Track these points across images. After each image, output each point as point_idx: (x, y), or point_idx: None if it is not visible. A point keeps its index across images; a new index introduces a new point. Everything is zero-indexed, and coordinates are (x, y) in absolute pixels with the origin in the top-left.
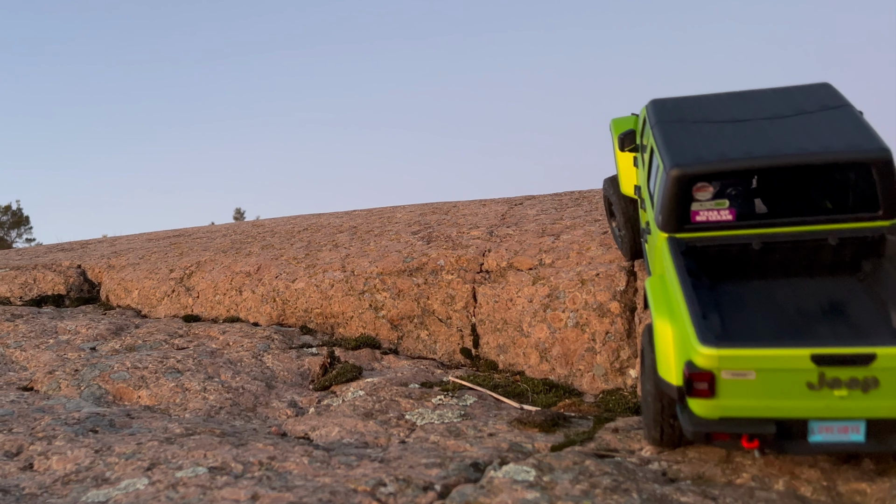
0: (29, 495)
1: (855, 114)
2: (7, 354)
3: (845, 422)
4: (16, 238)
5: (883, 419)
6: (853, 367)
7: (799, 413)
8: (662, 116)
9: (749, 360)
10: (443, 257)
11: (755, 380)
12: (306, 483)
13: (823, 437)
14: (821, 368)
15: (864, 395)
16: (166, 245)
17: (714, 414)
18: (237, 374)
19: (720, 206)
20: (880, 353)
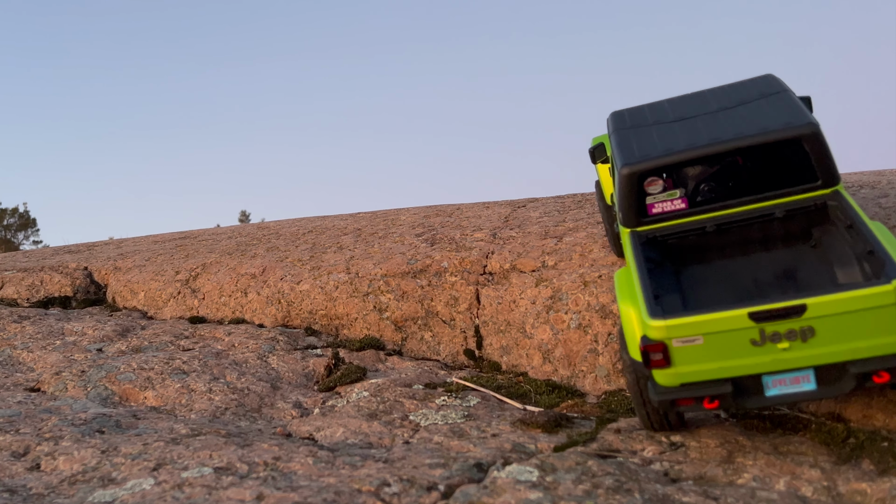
0: (36, 495)
1: (790, 97)
2: (14, 356)
3: (795, 373)
4: (23, 240)
5: (828, 365)
6: (788, 319)
7: (750, 370)
8: (619, 125)
9: (694, 326)
10: (446, 259)
11: (704, 344)
12: (311, 483)
13: (779, 390)
14: (760, 325)
15: (804, 344)
16: (172, 247)
17: (675, 382)
18: (242, 375)
19: (672, 196)
20: (810, 303)
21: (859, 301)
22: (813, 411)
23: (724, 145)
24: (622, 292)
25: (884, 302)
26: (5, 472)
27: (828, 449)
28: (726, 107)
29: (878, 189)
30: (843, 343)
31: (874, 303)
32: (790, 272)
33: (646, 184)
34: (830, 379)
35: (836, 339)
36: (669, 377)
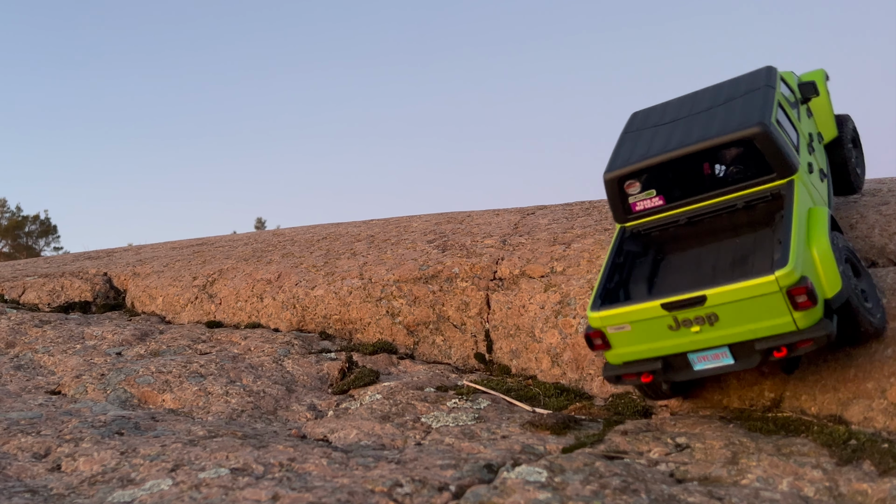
0: (57, 496)
1: (762, 95)
2: (35, 359)
3: (714, 350)
4: (44, 247)
5: (739, 342)
6: (693, 308)
7: (673, 350)
8: (628, 128)
9: (621, 316)
10: (457, 265)
11: (632, 330)
12: (325, 484)
13: (704, 365)
14: (672, 313)
15: (712, 327)
16: (190, 253)
17: (618, 361)
18: (258, 378)
19: (649, 195)
20: (709, 293)
21: (748, 290)
22: (815, 413)
23: (687, 149)
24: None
25: (768, 290)
26: (27, 472)
27: (829, 450)
28: (712, 106)
29: (878, 196)
30: (744, 325)
31: (761, 291)
32: (746, 257)
33: (626, 186)
34: (744, 354)
35: (737, 322)
36: (613, 357)
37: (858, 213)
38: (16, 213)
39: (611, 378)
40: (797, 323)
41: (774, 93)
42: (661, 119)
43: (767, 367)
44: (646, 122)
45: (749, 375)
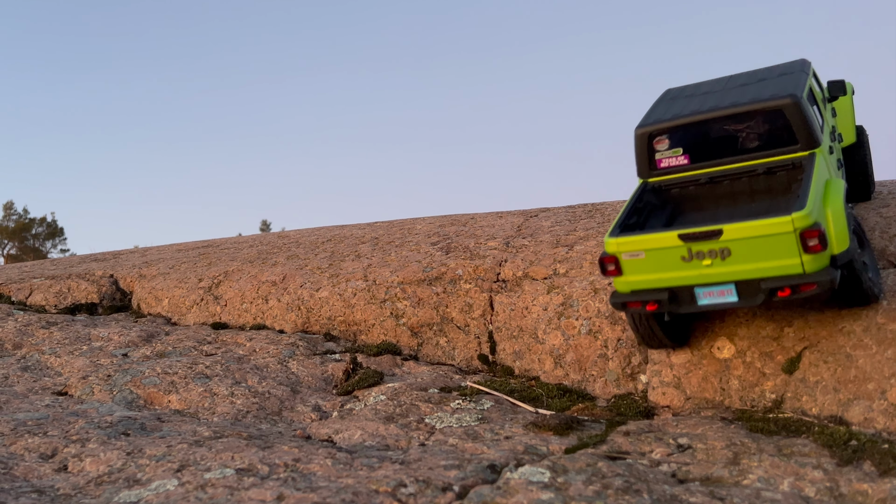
0: (63, 496)
1: (797, 77)
2: (42, 360)
3: (720, 286)
4: (51, 249)
5: (745, 280)
6: (709, 240)
7: (682, 282)
8: (662, 98)
9: (638, 243)
10: (461, 267)
11: (646, 258)
12: (330, 484)
13: (709, 300)
14: (687, 244)
15: (723, 262)
16: (195, 255)
17: (626, 289)
18: (263, 379)
19: (676, 153)
20: (725, 228)
21: (764, 228)
22: (816, 414)
23: (719, 112)
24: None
25: (783, 230)
26: (34, 473)
27: (830, 451)
28: (746, 83)
29: (878, 199)
30: (754, 263)
31: (776, 230)
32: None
33: (655, 142)
34: (748, 293)
35: (748, 259)
36: (622, 284)
37: (859, 214)
38: (23, 215)
39: (617, 304)
40: (805, 266)
41: (807, 77)
42: (696, 91)
43: (769, 367)
44: (681, 94)
45: (750, 376)
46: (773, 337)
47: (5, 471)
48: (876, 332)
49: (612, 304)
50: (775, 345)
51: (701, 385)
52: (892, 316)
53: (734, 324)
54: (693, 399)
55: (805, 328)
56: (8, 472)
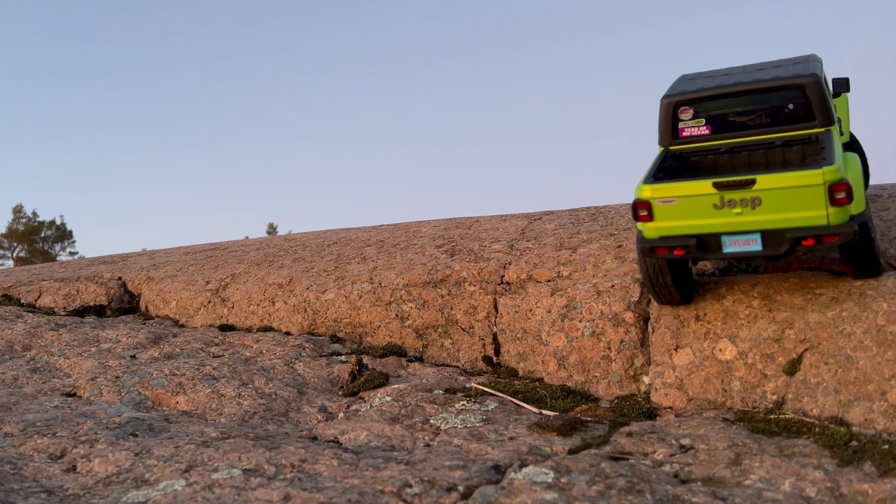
0: (72, 496)
1: (812, 63)
2: (51, 362)
3: (746, 235)
4: (59, 251)
5: (771, 230)
6: (741, 189)
7: (710, 229)
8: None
9: (672, 190)
10: (465, 270)
11: (678, 205)
12: (336, 484)
13: (734, 248)
14: (720, 192)
15: (753, 211)
16: (203, 258)
17: (655, 234)
18: (270, 380)
19: (699, 123)
20: (759, 178)
21: (795, 180)
22: (817, 415)
23: (744, 86)
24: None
25: (813, 182)
26: (43, 473)
27: (831, 451)
28: (764, 68)
29: (879, 202)
30: (783, 213)
31: (806, 182)
32: None
33: (679, 111)
34: (773, 242)
35: (777, 209)
36: (651, 230)
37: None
38: (32, 218)
39: (645, 249)
40: (829, 218)
41: (821, 66)
42: (715, 73)
43: (771, 368)
44: (699, 76)
45: (752, 377)
46: (775, 339)
47: (15, 471)
48: (876, 333)
49: (640, 249)
50: (776, 346)
51: (703, 386)
52: (893, 318)
53: (736, 326)
54: (695, 400)
55: (806, 330)
56: (17, 473)
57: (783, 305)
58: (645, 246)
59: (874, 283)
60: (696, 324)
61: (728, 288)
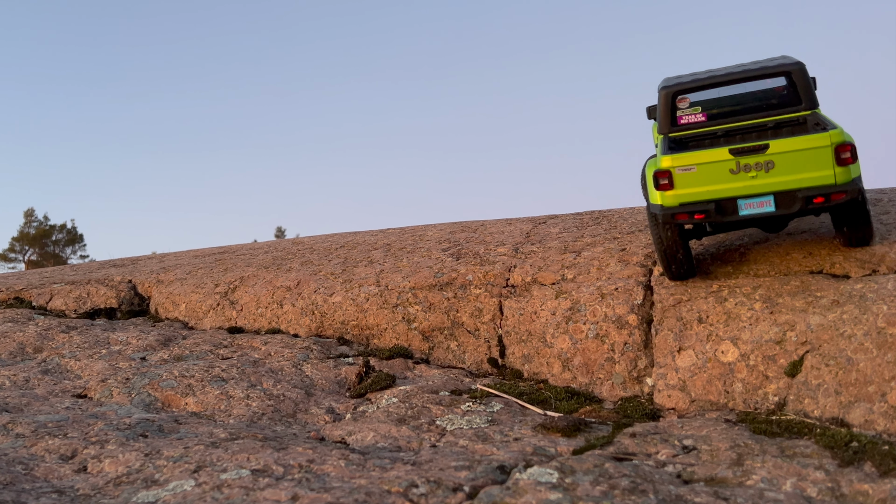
0: (83, 496)
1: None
2: (62, 364)
3: (760, 198)
4: (70, 255)
5: (783, 192)
6: (756, 154)
7: (727, 193)
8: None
9: (691, 158)
10: (471, 273)
11: (697, 172)
12: (343, 484)
13: (749, 211)
14: (736, 158)
15: (767, 174)
16: (212, 261)
17: (675, 202)
18: (278, 382)
19: (695, 111)
20: (771, 143)
21: (806, 142)
22: (818, 416)
23: (731, 76)
24: (650, 170)
25: (821, 144)
26: (54, 473)
27: (832, 452)
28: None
29: (879, 206)
30: (794, 174)
31: (815, 144)
32: None
33: (678, 100)
34: (785, 203)
35: (789, 171)
36: (671, 198)
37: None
38: (43, 222)
39: (667, 216)
40: (836, 177)
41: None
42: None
43: (772, 370)
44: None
45: (754, 379)
46: (776, 341)
47: (26, 471)
48: (876, 336)
49: (663, 216)
50: (778, 348)
51: (705, 388)
52: (892, 320)
53: (738, 328)
54: (698, 402)
55: (807, 332)
56: (29, 473)
57: (784, 308)
58: (668, 213)
59: (874, 285)
60: (699, 326)
61: (730, 290)
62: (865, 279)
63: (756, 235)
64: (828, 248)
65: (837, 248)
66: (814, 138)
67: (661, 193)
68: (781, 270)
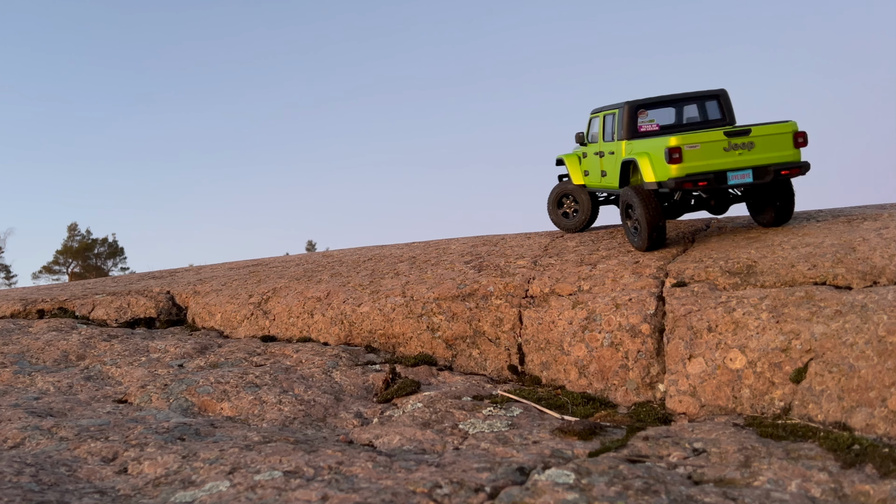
0: (124, 496)
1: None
2: (104, 371)
3: (742, 171)
4: (112, 267)
5: (759, 166)
6: (743, 136)
7: (720, 166)
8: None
9: (697, 137)
10: (492, 284)
11: (700, 149)
12: (370, 485)
13: (735, 181)
14: (728, 139)
15: (749, 152)
16: (246, 273)
17: (682, 173)
18: (309, 388)
19: (651, 122)
20: (753, 128)
21: (776, 129)
22: (821, 420)
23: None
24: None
25: (787, 130)
26: (96, 475)
27: (835, 454)
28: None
29: (879, 221)
30: (768, 153)
31: (782, 130)
32: None
33: (639, 113)
34: (760, 174)
35: (764, 150)
36: (679, 170)
37: (861, 236)
38: (86, 236)
39: (677, 183)
40: (795, 157)
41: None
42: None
43: (778, 377)
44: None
45: (760, 385)
46: (782, 349)
47: (70, 473)
48: (877, 344)
49: (675, 182)
50: (783, 356)
51: (715, 393)
52: (893, 329)
53: (745, 337)
54: (707, 406)
55: (811, 341)
56: (72, 475)
57: (790, 318)
58: (678, 180)
59: (875, 296)
60: (709, 335)
61: (738, 301)
62: (866, 290)
63: (763, 248)
64: (831, 261)
65: (840, 261)
66: (781, 125)
67: (674, 166)
68: (787, 282)
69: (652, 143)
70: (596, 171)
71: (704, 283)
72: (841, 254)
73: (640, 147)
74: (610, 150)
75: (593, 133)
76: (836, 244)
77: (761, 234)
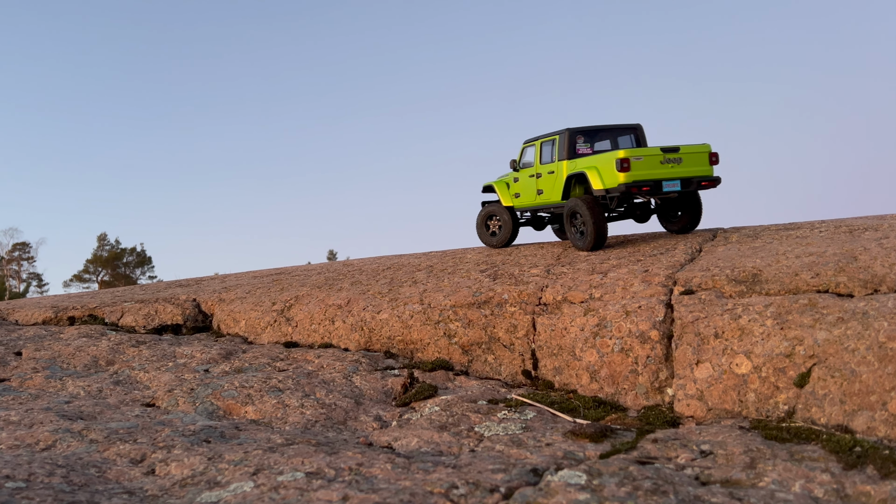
0: (151, 496)
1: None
2: (132, 375)
3: (673, 181)
4: (140, 275)
5: (685, 177)
6: (674, 153)
7: (657, 176)
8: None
9: (640, 152)
10: (507, 292)
11: (643, 161)
12: (389, 486)
13: (668, 188)
14: (663, 154)
15: (679, 166)
16: (269, 282)
17: (629, 180)
18: (330, 392)
19: (587, 145)
20: (680, 146)
21: (697, 148)
22: (824, 423)
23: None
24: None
25: (705, 150)
26: (125, 476)
27: (837, 456)
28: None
29: (880, 231)
30: (692, 168)
31: (702, 149)
32: None
33: (577, 138)
34: (686, 184)
35: (689, 166)
36: (627, 177)
37: (862, 245)
38: (115, 245)
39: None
40: (710, 172)
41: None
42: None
43: (782, 381)
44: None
45: (765, 389)
46: (786, 354)
47: (99, 474)
48: (878, 350)
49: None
50: (788, 361)
51: (721, 397)
52: (893, 335)
53: (751, 343)
54: (714, 410)
55: (814, 346)
56: (102, 476)
57: (794, 324)
58: (628, 186)
59: (876, 304)
60: (715, 341)
61: (744, 308)
62: (868, 298)
63: (768, 258)
64: (833, 269)
65: (842, 270)
66: (701, 146)
67: (622, 174)
68: (791, 290)
69: (599, 158)
70: (531, 191)
71: (711, 291)
72: (843, 263)
73: (586, 163)
74: (549, 171)
75: (526, 161)
76: (839, 253)
77: (766, 244)
